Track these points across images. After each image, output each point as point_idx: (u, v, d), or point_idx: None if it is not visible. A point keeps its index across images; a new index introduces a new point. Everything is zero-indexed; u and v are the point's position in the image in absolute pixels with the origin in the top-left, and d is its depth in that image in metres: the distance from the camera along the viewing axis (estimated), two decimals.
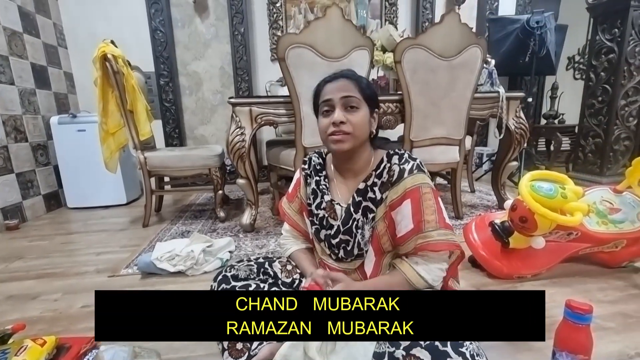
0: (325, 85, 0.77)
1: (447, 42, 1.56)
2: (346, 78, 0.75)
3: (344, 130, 0.72)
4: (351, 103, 0.73)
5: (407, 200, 0.72)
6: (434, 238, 0.70)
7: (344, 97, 0.73)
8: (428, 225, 0.70)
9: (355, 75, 0.78)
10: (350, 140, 0.73)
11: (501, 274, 1.16)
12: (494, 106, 1.84)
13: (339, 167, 0.83)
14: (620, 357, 0.79)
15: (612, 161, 2.50)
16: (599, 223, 1.19)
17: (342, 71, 0.78)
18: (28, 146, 2.21)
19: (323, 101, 0.76)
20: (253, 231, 1.78)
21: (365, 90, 0.75)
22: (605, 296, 1.05)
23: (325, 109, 0.76)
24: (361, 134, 0.74)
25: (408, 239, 0.73)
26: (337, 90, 0.74)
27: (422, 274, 0.71)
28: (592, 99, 2.54)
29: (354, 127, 0.73)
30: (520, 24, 2.51)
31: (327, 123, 0.74)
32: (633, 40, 2.31)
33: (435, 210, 0.71)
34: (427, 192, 0.72)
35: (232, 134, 1.60)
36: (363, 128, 0.75)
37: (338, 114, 0.72)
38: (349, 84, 0.74)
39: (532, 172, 1.11)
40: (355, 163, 0.79)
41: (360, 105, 0.74)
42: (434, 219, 0.71)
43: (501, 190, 2.02)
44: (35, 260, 1.52)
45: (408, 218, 0.71)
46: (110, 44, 1.74)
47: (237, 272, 0.87)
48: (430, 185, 0.73)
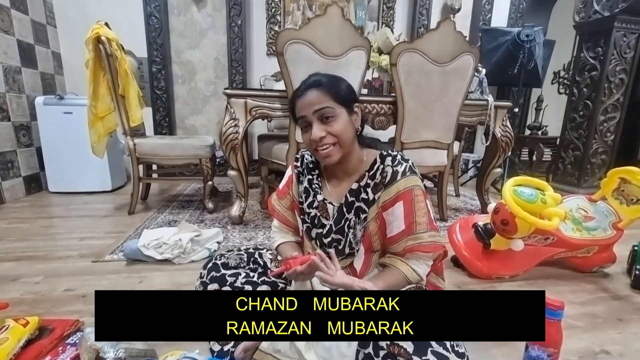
0: (296, 100, 0.74)
1: (441, 49, 1.61)
2: (314, 88, 0.72)
3: (328, 142, 0.72)
4: (326, 114, 0.71)
5: (400, 202, 0.73)
6: (425, 240, 0.72)
7: (317, 111, 0.71)
8: (419, 227, 0.72)
9: (323, 80, 0.73)
10: (338, 150, 0.73)
11: (481, 273, 1.22)
12: (483, 114, 1.90)
13: (330, 169, 0.83)
14: (586, 353, 0.85)
15: (590, 173, 2.62)
16: (574, 229, 1.25)
17: (310, 80, 0.75)
18: (10, 125, 2.14)
19: (299, 117, 0.74)
20: (242, 223, 1.78)
21: (338, 93, 0.73)
22: (576, 298, 1.11)
23: (304, 125, 0.74)
24: (346, 139, 0.74)
25: (399, 240, 0.74)
26: (308, 106, 0.71)
27: (415, 268, 0.74)
28: (574, 113, 2.65)
29: (336, 135, 0.72)
30: (512, 36, 2.60)
31: (308, 140, 0.73)
32: (614, 59, 2.43)
33: (426, 212, 0.74)
34: (418, 195, 0.74)
35: (225, 125, 1.60)
36: (346, 133, 0.73)
37: (315, 131, 0.71)
38: (318, 94, 0.71)
39: (516, 178, 1.16)
40: (346, 165, 0.79)
41: (336, 112, 0.72)
42: (424, 220, 0.73)
43: (485, 195, 2.09)
44: (14, 243, 1.48)
45: (400, 219, 0.73)
46: (104, 26, 1.70)
47: (227, 261, 0.88)
48: (421, 187, 0.75)
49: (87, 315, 0.95)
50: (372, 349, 0.62)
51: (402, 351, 0.59)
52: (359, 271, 0.81)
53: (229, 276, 0.81)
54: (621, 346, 0.88)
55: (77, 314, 0.94)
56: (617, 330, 0.94)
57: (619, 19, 2.33)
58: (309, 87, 0.73)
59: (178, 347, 0.78)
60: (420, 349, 0.58)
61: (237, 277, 0.81)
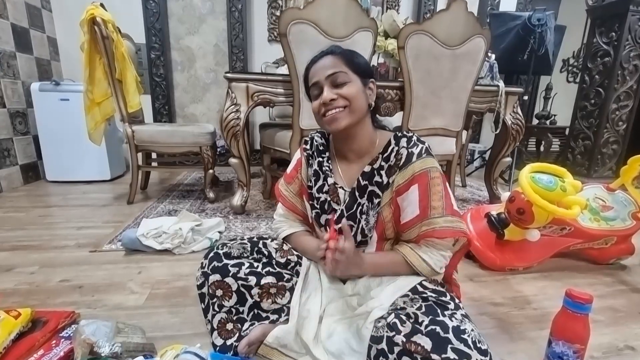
0: (310, 67, 0.73)
1: (452, 30, 1.53)
2: (330, 54, 0.71)
3: (338, 105, 0.69)
4: (339, 79, 0.69)
5: (415, 186, 0.68)
6: (439, 225, 0.67)
7: (330, 75, 0.69)
8: (434, 211, 0.67)
9: (340, 49, 0.73)
10: (347, 115, 0.69)
11: (494, 265, 1.17)
12: (493, 100, 1.83)
13: (341, 149, 0.79)
14: (609, 349, 0.80)
15: (600, 164, 2.55)
16: (592, 220, 1.20)
17: (327, 48, 0.74)
18: (6, 112, 2.08)
19: (312, 84, 0.72)
20: (244, 213, 1.73)
21: (354, 61, 0.71)
22: (594, 291, 1.06)
23: (315, 92, 0.72)
24: (358, 106, 0.70)
25: (413, 226, 0.70)
26: (321, 69, 0.70)
27: (424, 257, 0.69)
28: (584, 102, 2.57)
29: (348, 98, 0.69)
30: (522, 20, 2.50)
31: (318, 104, 0.71)
32: (629, 44, 2.34)
33: (443, 195, 0.68)
34: (435, 177, 0.69)
35: (226, 111, 1.53)
36: (359, 99, 0.70)
37: (326, 93, 0.69)
38: (334, 59, 0.70)
39: (532, 164, 1.10)
40: (357, 142, 0.75)
41: (350, 78, 0.70)
42: (440, 205, 0.68)
43: (493, 185, 2.03)
44: (10, 232, 1.44)
45: (415, 204, 0.68)
46: (99, 6, 1.63)
47: (229, 250, 0.83)
48: (439, 169, 0.70)
49: (83, 306, 0.91)
50: (386, 344, 0.58)
51: (419, 348, 0.54)
52: None
53: (232, 266, 0.76)
54: None
55: (73, 305, 0.90)
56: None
57: (634, 2, 2.24)
58: (326, 53, 0.72)
59: (178, 341, 0.74)
60: (440, 346, 0.54)
61: (240, 267, 0.76)
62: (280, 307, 0.76)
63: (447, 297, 0.66)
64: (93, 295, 0.98)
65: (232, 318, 0.75)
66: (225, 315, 0.75)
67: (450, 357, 0.52)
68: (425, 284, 0.69)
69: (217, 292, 0.74)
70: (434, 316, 0.59)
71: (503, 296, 1.02)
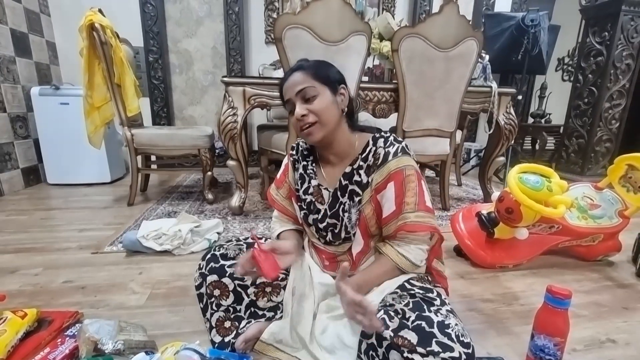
0: (283, 84, 0.76)
1: (444, 33, 1.56)
2: (298, 70, 0.74)
3: (309, 122, 0.72)
4: (307, 94, 0.72)
5: (391, 183, 0.72)
6: (410, 219, 0.70)
7: (300, 91, 0.72)
8: (407, 207, 0.71)
9: (308, 62, 0.76)
10: (319, 129, 0.73)
11: (485, 263, 1.20)
12: (486, 101, 1.86)
13: (323, 154, 0.83)
14: (592, 342, 0.83)
15: (593, 162, 2.59)
16: (580, 218, 1.23)
17: (295, 64, 0.77)
18: (6, 117, 2.11)
19: (286, 101, 0.76)
20: (242, 214, 1.77)
21: (320, 73, 0.73)
22: (581, 287, 1.10)
23: (289, 108, 0.75)
24: (328, 119, 0.73)
25: (390, 222, 0.73)
26: (292, 86, 0.72)
27: (403, 253, 0.72)
28: (578, 101, 2.61)
29: (316, 114, 0.71)
30: (516, 21, 2.53)
31: (294, 120, 0.74)
32: (621, 44, 2.37)
33: (417, 192, 0.72)
34: (410, 174, 0.72)
35: (224, 114, 1.57)
36: (328, 112, 0.73)
37: (297, 109, 0.72)
38: (302, 75, 0.72)
39: (521, 165, 1.14)
40: (335, 147, 0.78)
41: (318, 90, 0.72)
42: (413, 200, 0.71)
43: (487, 184, 2.07)
44: (13, 235, 1.47)
45: (391, 200, 0.72)
46: (98, 12, 1.66)
47: (226, 252, 0.86)
48: (414, 167, 0.73)
49: (86, 306, 0.94)
50: (375, 339, 0.61)
51: (406, 342, 0.57)
52: (355, 257, 0.80)
53: (228, 267, 0.79)
54: (627, 335, 0.86)
55: (77, 306, 0.93)
56: (623, 319, 0.93)
57: (627, 2, 2.27)
58: (292, 71, 0.75)
59: (178, 339, 0.77)
60: (425, 340, 0.57)
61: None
62: (275, 305, 0.80)
63: (433, 293, 0.69)
64: (95, 295, 1.01)
65: (230, 316, 0.79)
66: (223, 314, 0.78)
67: (435, 350, 0.56)
68: (413, 281, 0.73)
69: (215, 291, 0.77)
70: (421, 312, 0.62)
71: (492, 292, 1.06)
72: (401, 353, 0.57)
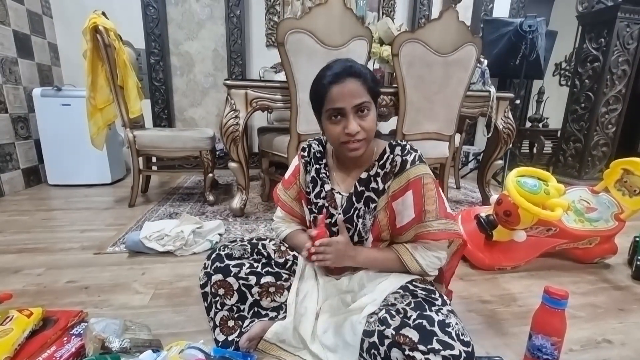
0: (331, 87, 0.69)
1: (444, 39, 1.59)
2: (354, 78, 0.69)
3: (359, 138, 0.71)
4: (363, 109, 0.70)
5: (410, 191, 0.73)
6: (433, 227, 0.72)
7: (358, 105, 0.69)
8: (429, 215, 0.72)
9: (359, 69, 0.71)
10: (364, 145, 0.73)
11: (483, 265, 1.22)
12: (485, 105, 1.89)
13: (342, 158, 0.82)
14: (588, 342, 0.85)
15: (590, 165, 2.62)
16: (576, 221, 1.26)
17: (345, 66, 0.70)
18: (8, 117, 2.11)
19: (333, 108, 0.70)
20: (243, 216, 1.78)
21: (372, 87, 0.71)
22: (578, 288, 1.12)
23: (336, 116, 0.71)
24: (372, 135, 0.74)
25: (409, 228, 0.74)
26: (348, 97, 0.68)
27: (417, 258, 0.74)
28: (575, 105, 2.64)
29: (367, 132, 0.71)
30: (514, 26, 2.56)
31: (340, 131, 0.71)
32: (617, 50, 2.41)
33: (437, 200, 0.73)
34: (428, 183, 0.73)
35: (226, 117, 1.58)
36: (374, 128, 0.74)
37: (353, 125, 0.69)
38: (358, 86, 0.69)
39: (519, 169, 1.16)
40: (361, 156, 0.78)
41: (371, 107, 0.71)
42: (434, 208, 0.72)
43: (486, 187, 2.09)
44: (15, 235, 1.48)
45: (410, 208, 0.73)
46: (101, 15, 1.67)
47: (230, 251, 0.88)
48: (431, 176, 0.75)
49: (90, 306, 0.95)
50: (377, 337, 0.62)
51: (407, 340, 0.59)
52: None
53: (233, 267, 0.80)
54: (623, 335, 0.88)
55: (81, 305, 0.94)
56: (619, 320, 0.95)
57: (622, 9, 2.31)
58: (348, 75, 0.69)
59: (182, 338, 0.78)
60: (426, 338, 0.59)
61: (241, 267, 0.81)
62: (279, 305, 0.81)
63: (435, 294, 0.71)
64: (99, 295, 1.02)
65: (234, 315, 0.80)
66: (227, 313, 0.80)
67: (435, 347, 0.57)
68: (415, 282, 0.74)
69: (220, 291, 0.79)
70: (422, 311, 0.64)
71: (491, 294, 1.08)
72: (402, 351, 0.58)
